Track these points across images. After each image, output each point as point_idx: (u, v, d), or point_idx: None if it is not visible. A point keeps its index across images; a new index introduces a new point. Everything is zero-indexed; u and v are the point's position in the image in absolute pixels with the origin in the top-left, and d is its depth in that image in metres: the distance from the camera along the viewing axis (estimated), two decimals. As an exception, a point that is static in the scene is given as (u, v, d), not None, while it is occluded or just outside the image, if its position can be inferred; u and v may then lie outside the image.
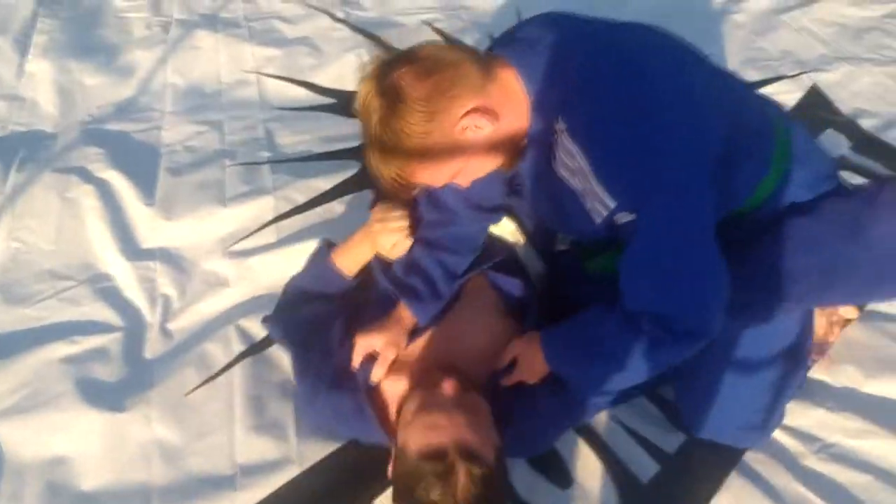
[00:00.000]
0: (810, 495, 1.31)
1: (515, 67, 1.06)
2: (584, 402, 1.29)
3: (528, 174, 1.22)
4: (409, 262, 1.38)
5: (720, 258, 1.07)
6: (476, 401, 1.18)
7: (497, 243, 1.50)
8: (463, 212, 1.36)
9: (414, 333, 1.34)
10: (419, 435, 1.10)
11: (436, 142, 1.02)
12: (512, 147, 1.12)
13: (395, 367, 1.30)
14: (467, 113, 1.02)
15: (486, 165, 1.12)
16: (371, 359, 1.29)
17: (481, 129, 1.04)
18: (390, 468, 1.16)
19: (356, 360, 1.30)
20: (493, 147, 1.08)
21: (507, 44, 1.12)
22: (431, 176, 1.08)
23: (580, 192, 1.07)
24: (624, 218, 1.03)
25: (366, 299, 1.44)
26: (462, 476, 1.04)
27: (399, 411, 1.23)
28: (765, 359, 1.30)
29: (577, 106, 1.03)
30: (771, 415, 1.33)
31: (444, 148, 1.04)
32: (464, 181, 1.14)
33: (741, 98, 1.21)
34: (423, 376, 1.25)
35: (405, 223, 1.39)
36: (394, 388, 1.28)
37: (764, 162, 1.20)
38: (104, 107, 2.22)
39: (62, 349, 1.55)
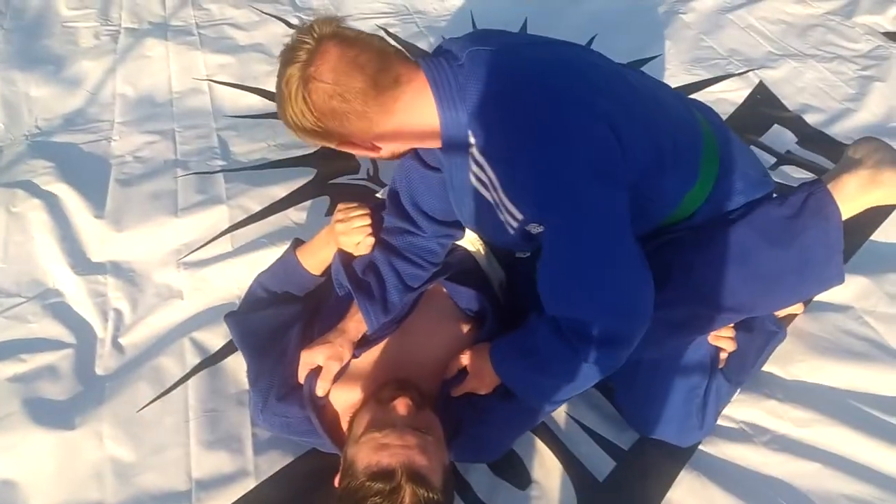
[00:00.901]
0: (761, 485, 1.34)
1: (430, 87, 1.08)
2: (536, 408, 1.30)
3: (450, 184, 1.25)
4: (367, 262, 1.38)
5: (638, 271, 1.10)
6: (429, 420, 1.18)
7: (458, 251, 1.51)
8: (422, 223, 1.37)
9: (369, 342, 1.33)
10: (368, 453, 1.09)
11: (320, 138, 1.12)
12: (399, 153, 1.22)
13: (347, 376, 1.30)
14: (348, 143, 1.12)
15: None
16: (316, 372, 1.29)
17: (360, 153, 1.15)
18: (337, 480, 1.16)
19: (301, 374, 1.29)
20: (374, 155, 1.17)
21: (431, 56, 1.15)
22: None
23: (493, 204, 1.13)
24: (535, 229, 1.10)
25: (326, 304, 1.43)
26: (408, 498, 1.04)
27: (350, 423, 1.23)
28: (692, 364, 1.34)
29: (485, 121, 1.07)
30: (706, 412, 1.36)
31: (327, 142, 1.14)
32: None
33: (665, 111, 1.23)
34: (377, 389, 1.25)
35: (367, 222, 1.39)
36: (345, 398, 1.28)
37: (690, 173, 1.23)
38: (51, 119, 2.18)
39: (10, 368, 1.52)
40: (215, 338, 1.57)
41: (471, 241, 1.50)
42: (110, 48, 2.45)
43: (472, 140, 1.09)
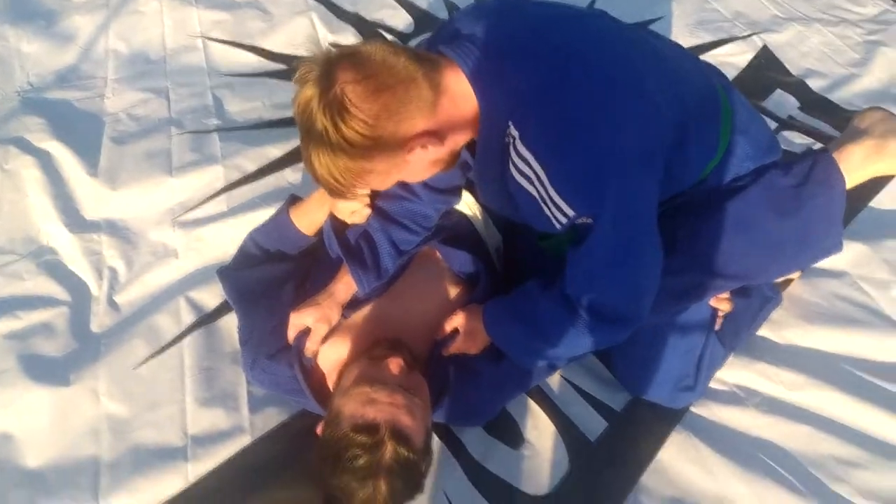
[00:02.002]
0: (750, 446, 1.35)
1: (464, 72, 1.02)
2: (526, 372, 1.31)
3: (480, 176, 1.21)
4: (360, 231, 1.37)
5: (659, 252, 1.10)
6: (418, 382, 1.19)
7: (453, 214, 1.49)
8: (420, 190, 1.35)
9: (358, 303, 1.34)
10: (356, 405, 1.11)
11: (378, 159, 1.00)
12: (454, 155, 1.11)
13: (335, 337, 1.30)
14: (415, 137, 1.00)
15: (426, 174, 1.12)
16: (305, 333, 1.29)
17: (426, 151, 1.02)
18: (320, 428, 1.17)
19: (290, 335, 1.30)
20: (435, 161, 1.07)
21: (452, 41, 1.07)
22: (371, 184, 1.06)
23: (538, 198, 1.06)
24: (582, 220, 1.04)
25: (317, 264, 1.43)
26: (388, 454, 1.06)
27: (339, 376, 1.24)
28: (692, 325, 1.35)
29: (528, 114, 1.02)
30: (700, 375, 1.37)
31: (386, 164, 1.01)
32: (408, 180, 1.13)
33: (690, 81, 1.20)
34: (370, 347, 1.25)
35: (365, 191, 1.37)
36: (332, 358, 1.29)
37: (712, 145, 1.21)
38: (44, 75, 2.14)
39: (5, 325, 1.52)
40: (211, 297, 1.57)
41: (467, 205, 1.48)
42: (102, 3, 2.39)
43: (513, 132, 1.03)
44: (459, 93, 1.03)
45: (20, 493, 1.29)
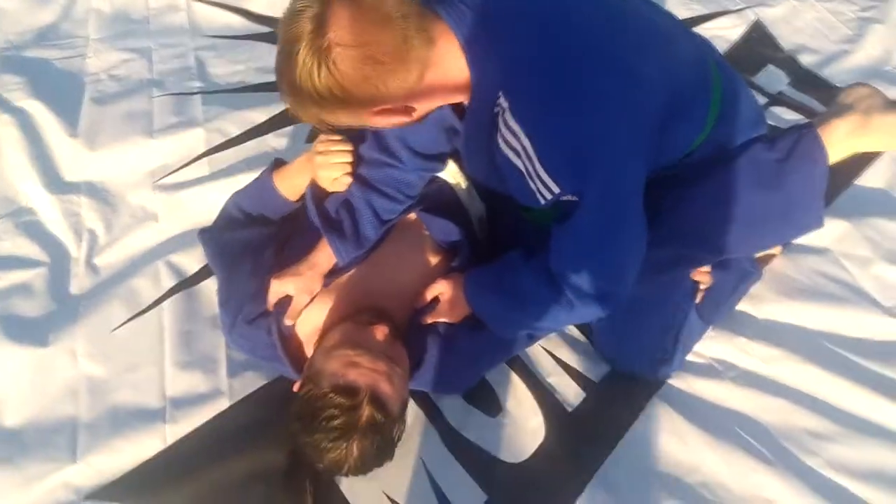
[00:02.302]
0: (724, 418, 1.37)
1: (458, 39, 1.00)
2: (505, 341, 1.32)
3: (467, 145, 1.20)
4: (342, 199, 1.35)
5: (644, 231, 1.11)
6: (400, 352, 1.20)
7: (436, 182, 1.48)
8: (404, 156, 1.32)
9: (340, 270, 1.33)
10: (338, 366, 1.11)
11: (340, 113, 0.98)
12: (424, 116, 1.09)
13: (315, 304, 1.30)
14: (385, 106, 0.99)
15: (389, 128, 1.11)
16: (284, 301, 1.29)
17: (393, 118, 1.02)
18: (297, 385, 1.18)
19: (270, 302, 1.29)
20: (401, 122, 1.05)
21: (447, 3, 1.02)
22: (328, 123, 1.03)
23: (524, 172, 1.04)
24: (567, 197, 1.03)
25: (299, 229, 1.42)
26: (365, 418, 1.07)
27: (321, 337, 1.24)
28: (672, 297, 1.35)
29: (519, 87, 1.00)
30: (678, 347, 1.38)
31: (348, 118, 1.00)
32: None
33: (684, 56, 1.17)
34: (355, 313, 1.26)
35: (347, 159, 1.34)
36: (311, 325, 1.29)
37: (700, 121, 1.20)
38: (24, 33, 2.10)
39: (-17, 285, 1.50)
40: (191, 261, 1.56)
41: (451, 174, 1.47)
42: (84, -40, 2.34)
43: (503, 103, 1.01)
44: (450, 61, 1.00)
45: (-2, 451, 1.29)
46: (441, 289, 1.30)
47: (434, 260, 1.37)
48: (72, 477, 1.27)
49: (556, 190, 1.02)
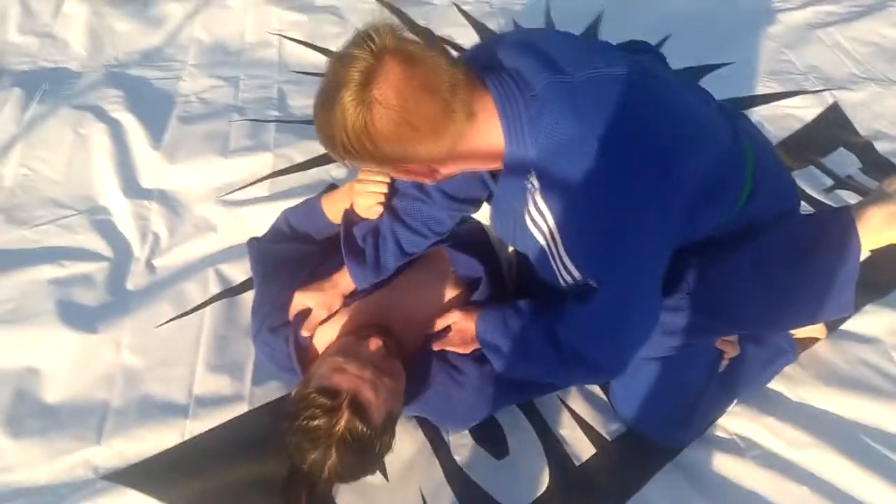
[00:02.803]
0: (740, 497, 1.31)
1: (497, 112, 1.01)
2: (514, 384, 1.32)
3: (497, 209, 1.23)
4: (370, 227, 1.40)
5: (657, 315, 1.14)
6: (393, 367, 1.23)
7: (470, 222, 1.53)
8: (436, 196, 1.36)
9: (360, 292, 1.38)
10: (326, 371, 1.17)
11: (368, 163, 1.02)
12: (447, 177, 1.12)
13: (333, 320, 1.35)
14: (412, 165, 1.03)
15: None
16: (304, 314, 1.35)
17: (415, 177, 1.07)
18: (296, 390, 1.22)
19: (291, 314, 1.35)
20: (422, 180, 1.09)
21: (494, 71, 1.05)
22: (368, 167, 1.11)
23: (548, 252, 1.07)
24: (588, 281, 1.08)
25: (335, 251, 1.47)
26: (343, 422, 1.10)
27: (325, 349, 1.30)
28: (694, 363, 1.33)
29: (552, 172, 1.01)
30: (696, 415, 1.34)
31: (376, 167, 1.07)
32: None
33: (720, 141, 1.17)
34: (357, 329, 1.30)
35: (382, 189, 1.39)
36: (327, 339, 1.33)
37: (732, 202, 1.21)
38: (131, 53, 2.33)
39: (51, 271, 1.65)
40: (239, 272, 1.66)
41: (486, 216, 1.51)
42: (195, -6, 2.58)
43: (535, 183, 1.03)
44: (486, 135, 1.02)
45: (34, 422, 1.39)
46: (455, 318, 1.33)
47: (453, 293, 1.41)
48: (93, 456, 1.35)
49: (576, 274, 1.05)
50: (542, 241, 1.07)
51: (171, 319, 1.57)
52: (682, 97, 1.15)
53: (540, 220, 1.05)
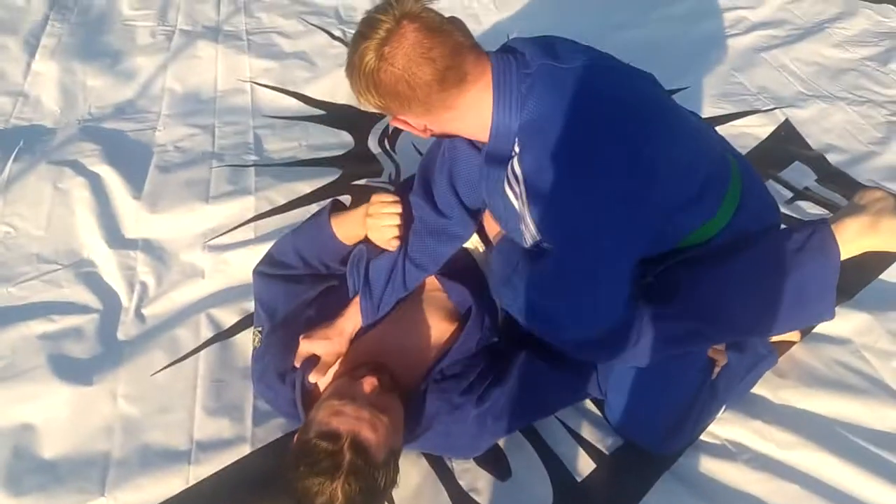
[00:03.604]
0: (736, 500, 1.36)
1: (493, 87, 1.13)
2: (517, 415, 1.37)
3: (485, 176, 1.29)
4: (384, 266, 1.41)
5: (618, 302, 1.23)
6: (390, 403, 1.25)
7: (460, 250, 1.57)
8: (455, 211, 1.39)
9: (360, 331, 1.41)
10: (324, 415, 1.19)
11: (378, 103, 1.15)
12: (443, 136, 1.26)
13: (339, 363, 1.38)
14: (402, 121, 1.19)
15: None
16: (310, 361, 1.36)
17: (410, 130, 1.20)
18: (296, 436, 1.24)
19: (297, 361, 1.37)
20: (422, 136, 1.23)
21: (502, 51, 1.19)
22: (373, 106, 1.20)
23: (517, 213, 1.19)
24: (545, 244, 1.19)
25: (335, 290, 1.49)
26: (346, 464, 1.13)
27: (323, 392, 1.32)
28: (687, 373, 1.39)
29: (531, 142, 1.12)
30: (689, 423, 1.40)
31: (383, 108, 1.17)
32: None
33: (705, 150, 1.29)
34: (353, 368, 1.33)
35: (396, 221, 1.40)
36: (329, 381, 1.37)
37: (710, 209, 1.29)
38: (104, 107, 2.35)
39: (40, 326, 1.64)
40: (230, 315, 1.68)
41: (471, 241, 1.55)
42: (164, 46, 2.62)
43: (515, 149, 1.14)
44: (476, 107, 1.14)
45: (33, 479, 1.38)
46: None
47: (449, 324, 1.44)
48: (98, 509, 1.34)
49: (538, 237, 1.17)
50: (514, 203, 1.18)
51: (166, 367, 1.57)
52: (668, 101, 1.27)
53: (515, 183, 1.16)
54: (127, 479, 1.38)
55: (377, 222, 1.41)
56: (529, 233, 1.18)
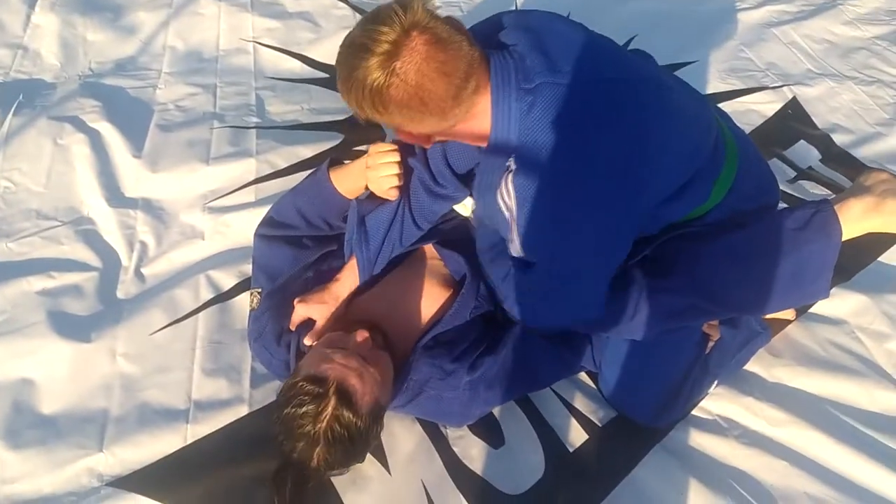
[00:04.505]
0: (726, 474, 1.38)
1: (492, 101, 1.09)
2: (504, 384, 1.39)
3: (479, 180, 1.30)
4: (382, 219, 1.42)
5: (596, 306, 1.24)
6: (380, 358, 1.27)
7: (453, 219, 1.57)
8: (449, 181, 1.40)
9: (356, 293, 1.43)
10: (313, 361, 1.22)
11: (380, 118, 1.09)
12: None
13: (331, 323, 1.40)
14: (406, 133, 1.14)
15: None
16: (306, 324, 1.38)
17: (412, 141, 1.18)
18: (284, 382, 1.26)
19: (293, 324, 1.39)
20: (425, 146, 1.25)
21: (497, 49, 1.13)
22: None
23: (507, 225, 1.18)
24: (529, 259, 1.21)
25: (330, 256, 1.50)
26: (330, 408, 1.15)
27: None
28: (681, 347, 1.40)
29: (528, 162, 1.09)
30: (682, 397, 1.41)
31: (385, 122, 1.12)
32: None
33: (700, 132, 1.27)
34: (347, 325, 1.35)
35: (396, 170, 1.39)
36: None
37: (703, 192, 1.29)
38: (104, 62, 2.32)
39: (40, 283, 1.65)
40: (229, 277, 1.68)
41: (463, 206, 1.54)
42: (166, 2, 2.58)
43: (511, 166, 1.11)
44: (483, 117, 1.11)
45: (34, 433, 1.40)
46: None
47: (442, 292, 1.45)
48: (96, 464, 1.36)
49: (522, 253, 1.19)
50: (506, 214, 1.16)
51: (165, 326, 1.58)
52: (668, 82, 1.24)
53: (507, 198, 1.14)
54: (125, 435, 1.40)
55: (376, 173, 1.41)
56: (514, 248, 1.18)
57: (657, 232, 1.32)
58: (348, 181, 1.47)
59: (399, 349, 1.36)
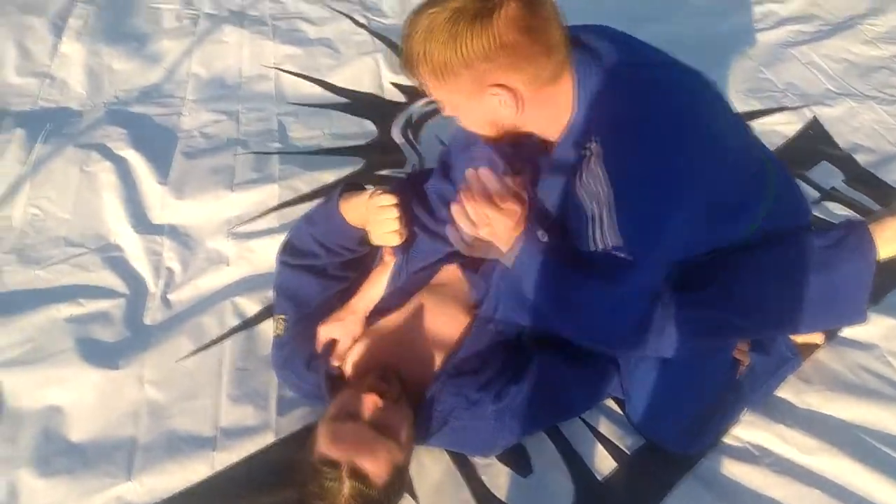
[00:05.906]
0: (757, 503, 1.36)
1: (574, 84, 1.09)
2: (534, 416, 1.37)
3: (542, 180, 1.27)
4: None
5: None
6: (395, 419, 1.24)
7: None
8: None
9: (378, 314, 1.44)
10: (324, 440, 1.19)
11: (463, 78, 1.06)
12: (509, 135, 1.18)
13: (358, 343, 1.41)
14: (503, 88, 1.06)
15: (478, 127, 1.19)
16: (330, 345, 1.40)
17: (499, 107, 1.09)
18: (303, 453, 1.24)
19: (318, 347, 1.41)
20: (494, 123, 1.15)
21: (578, 41, 1.13)
22: (432, 90, 1.13)
23: (590, 216, 1.11)
24: (617, 253, 1.10)
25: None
26: (346, 489, 1.14)
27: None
28: (711, 371, 1.38)
29: (618, 141, 1.08)
30: (713, 423, 1.39)
31: (461, 89, 1.08)
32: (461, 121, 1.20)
33: (746, 165, 1.26)
34: (365, 373, 1.33)
35: (394, 215, 1.36)
36: (354, 362, 1.39)
37: (749, 221, 1.29)
38: (130, 90, 2.36)
39: (68, 310, 1.66)
40: (254, 304, 1.69)
41: None
42: (190, 31, 2.63)
43: (594, 148, 1.09)
44: (557, 104, 1.11)
45: (61, 461, 1.40)
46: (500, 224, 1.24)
47: (462, 316, 1.43)
48: (125, 493, 1.35)
49: (615, 242, 1.09)
50: (588, 206, 1.11)
51: (192, 353, 1.59)
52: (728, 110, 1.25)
53: (594, 183, 1.09)
54: (153, 463, 1.39)
55: (378, 222, 1.38)
56: (603, 237, 1.10)
57: (705, 252, 1.30)
58: (357, 213, 1.44)
59: (418, 379, 1.35)
